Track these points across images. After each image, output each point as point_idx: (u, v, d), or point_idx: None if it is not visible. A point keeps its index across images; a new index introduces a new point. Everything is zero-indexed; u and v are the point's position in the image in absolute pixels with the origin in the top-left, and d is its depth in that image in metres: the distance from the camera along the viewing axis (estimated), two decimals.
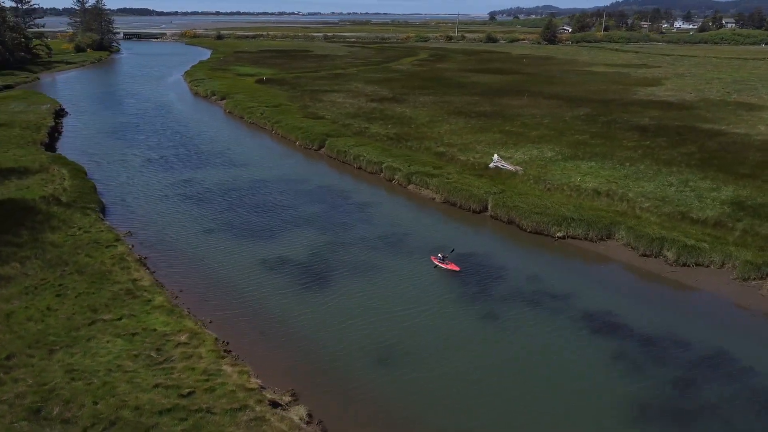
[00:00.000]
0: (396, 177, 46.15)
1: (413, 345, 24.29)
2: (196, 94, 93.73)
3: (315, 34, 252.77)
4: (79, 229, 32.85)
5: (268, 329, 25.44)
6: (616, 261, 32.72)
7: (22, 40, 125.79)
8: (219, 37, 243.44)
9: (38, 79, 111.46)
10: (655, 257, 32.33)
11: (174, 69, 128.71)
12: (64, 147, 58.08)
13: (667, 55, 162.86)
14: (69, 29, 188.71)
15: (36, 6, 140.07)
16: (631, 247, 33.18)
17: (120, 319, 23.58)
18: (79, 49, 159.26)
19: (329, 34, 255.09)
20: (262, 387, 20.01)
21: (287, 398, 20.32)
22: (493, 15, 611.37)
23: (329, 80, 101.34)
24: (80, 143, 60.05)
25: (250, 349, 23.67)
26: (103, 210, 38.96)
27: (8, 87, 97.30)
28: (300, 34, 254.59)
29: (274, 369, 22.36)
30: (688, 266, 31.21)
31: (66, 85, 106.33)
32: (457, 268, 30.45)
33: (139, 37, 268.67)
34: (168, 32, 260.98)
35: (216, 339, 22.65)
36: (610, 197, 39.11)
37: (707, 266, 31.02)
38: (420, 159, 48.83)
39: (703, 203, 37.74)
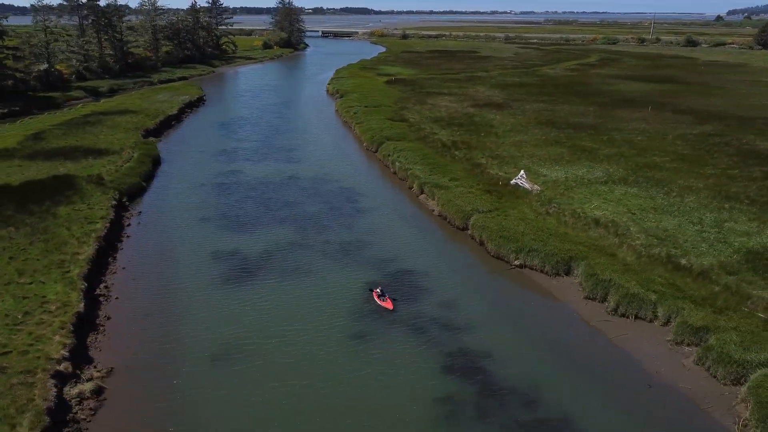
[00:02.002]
0: (414, 185, 45.62)
1: (262, 348, 24.89)
2: (327, 92, 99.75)
3: (498, 35, 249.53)
4: (87, 205, 38.42)
5: (157, 313, 27.79)
6: (559, 300, 29.33)
7: (213, 37, 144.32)
8: (404, 37, 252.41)
9: (213, 72, 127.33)
10: (600, 302, 28.37)
11: (335, 67, 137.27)
12: (172, 134, 66.79)
13: None
14: (268, 27, 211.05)
15: (228, 6, 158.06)
16: (582, 287, 29.47)
17: (30, 284, 27.76)
18: (266, 46, 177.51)
19: (511, 35, 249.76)
20: (67, 359, 22.40)
21: (96, 374, 22.54)
22: (723, 15, 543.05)
23: (457, 82, 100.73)
24: (187, 131, 68.37)
25: (119, 327, 26.34)
26: (138, 191, 44.74)
27: (182, 78, 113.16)
28: (482, 34, 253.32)
29: (118, 348, 24.66)
30: (627, 317, 26.97)
31: (230, 79, 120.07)
32: (391, 307, 28.04)
33: (335, 35, 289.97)
34: (360, 31, 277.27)
35: (78, 312, 25.58)
36: (607, 229, 34.64)
37: (650, 321, 26.49)
38: (449, 168, 47.45)
39: (712, 249, 31.72)
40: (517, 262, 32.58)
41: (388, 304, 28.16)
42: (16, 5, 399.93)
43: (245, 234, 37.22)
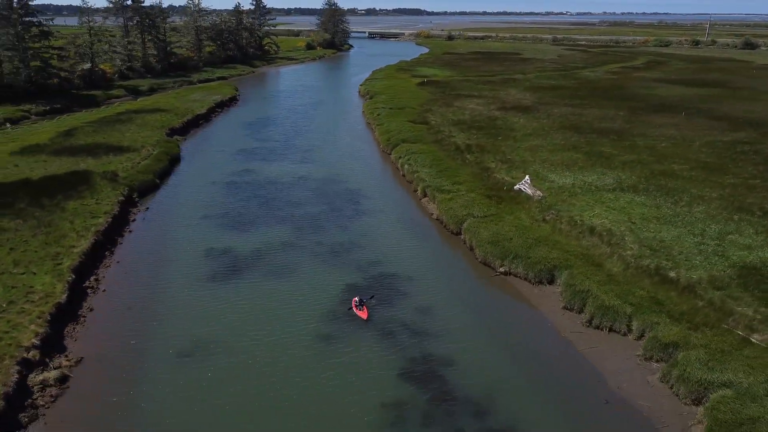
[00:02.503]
0: (418, 188, 45.54)
1: (230, 348, 25.42)
2: (359, 93, 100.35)
3: (545, 36, 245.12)
4: (95, 200, 40.00)
5: (138, 307, 28.74)
6: (537, 309, 28.78)
7: (255, 38, 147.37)
8: (450, 38, 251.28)
9: (253, 72, 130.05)
10: (578, 312, 27.70)
11: (374, 68, 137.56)
12: (199, 133, 68.71)
13: None
14: (315, 29, 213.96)
15: (271, 8, 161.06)
16: (561, 297, 28.83)
17: (22, 274, 29.16)
18: (309, 47, 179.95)
19: (559, 36, 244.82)
20: (36, 347, 23.48)
21: (65, 362, 23.56)
22: None
23: (490, 85, 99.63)
24: (212, 131, 70.21)
25: (100, 319, 27.42)
26: (151, 188, 46.25)
27: (221, 78, 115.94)
28: (529, 36, 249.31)
29: (93, 339, 25.68)
30: (601, 329, 26.25)
31: (268, 79, 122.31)
32: (365, 317, 27.45)
33: (382, 36, 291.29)
34: (406, 32, 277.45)
35: (59, 303, 26.74)
36: (601, 238, 33.72)
37: (623, 334, 25.71)
38: (457, 172, 47.04)
39: (706, 262, 30.44)
40: (501, 269, 32.14)
41: (363, 314, 27.64)
42: (64, 4, 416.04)
43: (242, 233, 37.95)
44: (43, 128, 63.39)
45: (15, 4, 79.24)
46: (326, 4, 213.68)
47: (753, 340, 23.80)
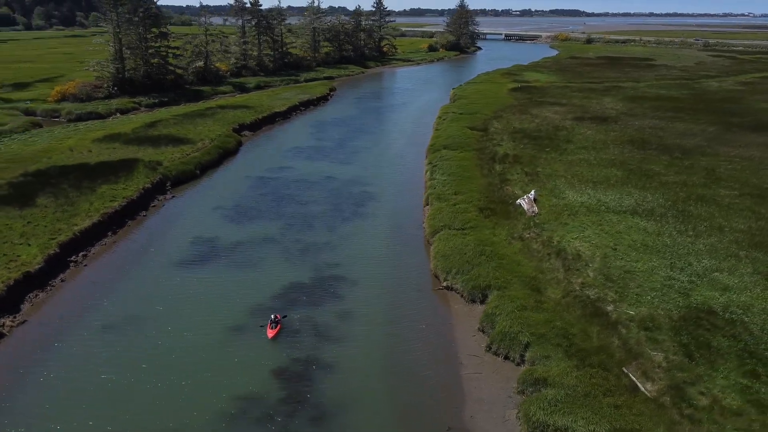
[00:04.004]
0: (424, 195, 45.38)
1: (147, 330, 27.94)
2: (450, 97, 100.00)
3: (695, 41, 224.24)
4: (123, 186, 44.80)
5: (102, 282, 32.30)
6: (454, 327, 28.04)
7: (373, 40, 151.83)
8: (588, 42, 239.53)
9: (363, 73, 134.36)
10: (487, 335, 26.56)
11: (485, 71, 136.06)
12: (274, 129, 73.34)
13: None
14: (443, 30, 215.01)
15: (392, 10, 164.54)
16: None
17: (20, 244, 33.91)
18: (431, 49, 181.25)
19: (711, 40, 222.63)
20: None
21: (9, 323, 27.45)
22: None
23: (588, 92, 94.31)
24: (283, 128, 74.39)
25: (66, 289, 31.33)
26: (189, 178, 50.61)
27: (328, 78, 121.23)
28: (677, 40, 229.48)
29: (48, 306, 29.59)
30: (498, 356, 25.07)
31: (372, 80, 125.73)
32: (270, 336, 26.72)
33: (521, 38, 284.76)
34: (543, 35, 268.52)
35: (28, 272, 30.85)
36: (565, 262, 31.60)
37: (517, 364, 24.36)
38: (471, 182, 46.05)
39: (658, 300, 27.36)
40: (445, 284, 31.46)
41: (271, 333, 26.84)
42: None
43: (236, 225, 40.54)
44: (133, 119, 71.34)
45: (139, 9, 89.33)
46: (459, 5, 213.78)
47: (643, 388, 21.47)
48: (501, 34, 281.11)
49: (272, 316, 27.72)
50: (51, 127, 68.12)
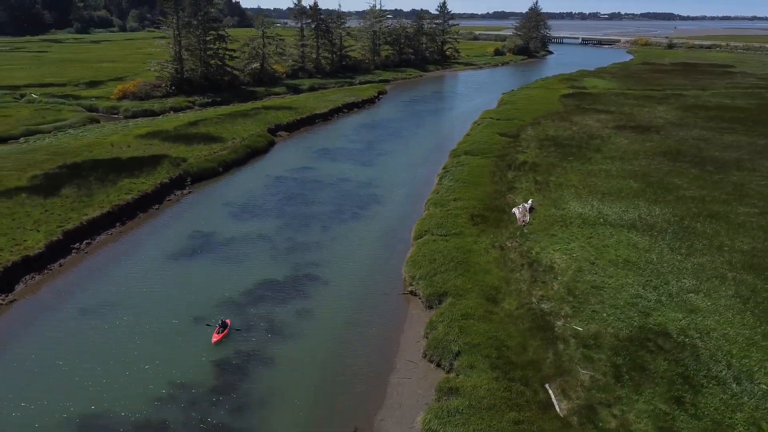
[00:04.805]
0: (427, 200, 45.46)
1: (123, 316, 29.89)
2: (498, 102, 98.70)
3: None
4: (142, 180, 47.55)
5: (97, 268, 34.69)
6: (404, 333, 28.16)
7: (435, 43, 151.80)
8: (670, 46, 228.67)
9: (421, 76, 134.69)
10: (427, 339, 26.52)
11: (545, 77, 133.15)
12: (312, 130, 75.22)
13: None
14: (512, 33, 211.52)
15: (454, 13, 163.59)
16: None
17: (30, 230, 36.90)
18: (498, 53, 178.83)
19: None
20: None
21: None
22: None
23: (641, 100, 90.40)
24: (321, 129, 76.09)
25: (61, 273, 33.86)
26: (211, 175, 53.01)
27: (384, 81, 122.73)
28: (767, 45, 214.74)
29: (41, 287, 32.09)
30: (432, 363, 25.05)
31: (427, 84, 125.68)
32: (213, 341, 26.78)
33: (599, 42, 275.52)
34: (622, 39, 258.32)
35: (27, 255, 33.57)
36: (534, 274, 30.97)
37: (447, 371, 24.24)
38: (474, 188, 45.67)
39: (613, 318, 26.34)
40: (409, 288, 31.57)
41: (215, 337, 26.88)
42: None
43: (237, 222, 42.20)
44: (179, 118, 75.13)
45: (199, 13, 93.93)
46: (532, 7, 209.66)
47: (557, 406, 20.92)
48: (578, 38, 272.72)
49: (220, 321, 27.87)
50: (105, 123, 72.88)
